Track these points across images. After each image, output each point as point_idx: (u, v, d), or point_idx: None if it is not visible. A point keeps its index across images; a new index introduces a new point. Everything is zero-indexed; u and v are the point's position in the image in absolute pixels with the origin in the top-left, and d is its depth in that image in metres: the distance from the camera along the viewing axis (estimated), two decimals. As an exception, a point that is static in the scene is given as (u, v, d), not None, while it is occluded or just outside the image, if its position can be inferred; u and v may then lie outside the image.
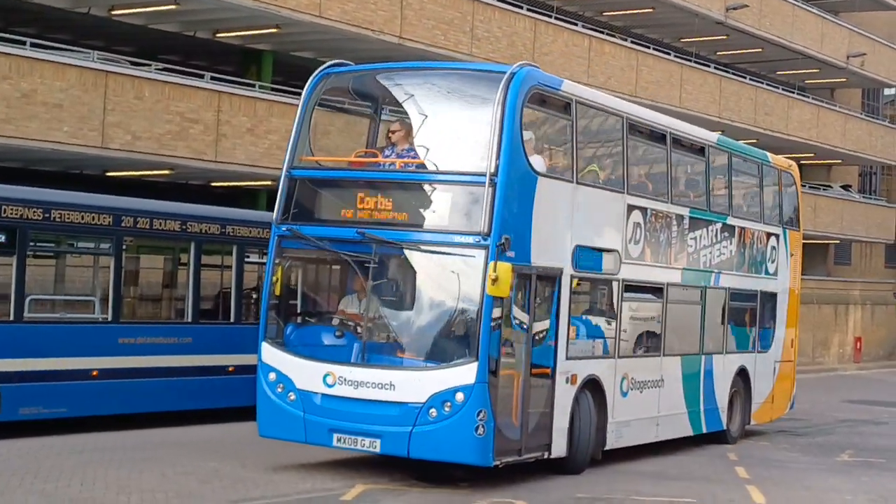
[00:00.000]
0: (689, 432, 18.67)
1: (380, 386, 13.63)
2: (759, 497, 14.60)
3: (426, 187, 14.24)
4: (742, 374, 20.25)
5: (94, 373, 17.22)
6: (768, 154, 22.01)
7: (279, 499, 12.81)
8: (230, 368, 18.48)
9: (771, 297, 21.24)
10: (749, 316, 20.78)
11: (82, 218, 17.06)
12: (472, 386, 13.21)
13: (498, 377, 13.45)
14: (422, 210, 14.06)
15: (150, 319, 19.26)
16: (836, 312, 45.62)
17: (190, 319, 18.73)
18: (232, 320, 19.10)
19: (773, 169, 21.63)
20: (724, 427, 19.70)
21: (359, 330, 14.27)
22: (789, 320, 22.05)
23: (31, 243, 16.68)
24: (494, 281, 13.00)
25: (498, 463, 13.61)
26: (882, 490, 15.83)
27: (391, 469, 14.81)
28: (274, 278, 14.55)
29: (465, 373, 13.27)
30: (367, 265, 14.13)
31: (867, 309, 48.77)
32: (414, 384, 13.54)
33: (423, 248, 13.88)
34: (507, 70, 14.13)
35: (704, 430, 19.08)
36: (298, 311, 15.27)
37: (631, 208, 16.42)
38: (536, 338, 14.40)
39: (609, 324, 16.38)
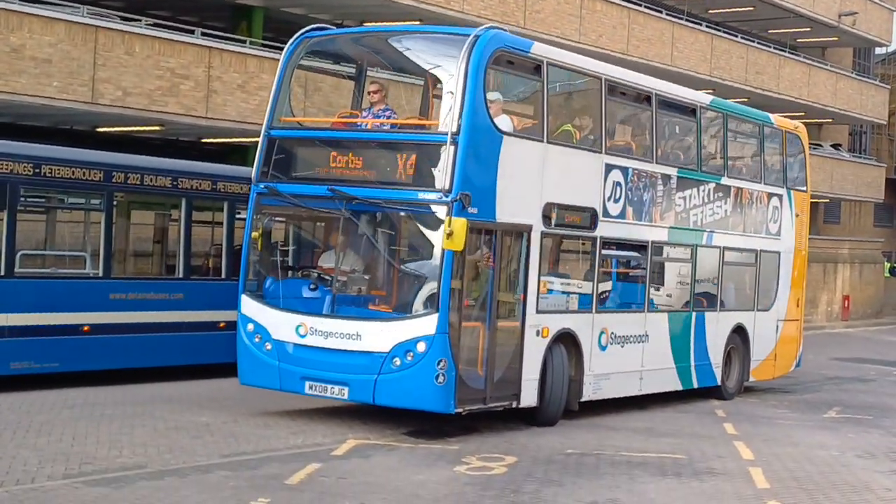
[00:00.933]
0: (677, 387, 18.87)
1: (348, 336, 14.27)
2: (748, 453, 14.70)
3: (393, 146, 14.76)
4: (739, 331, 20.44)
5: (86, 328, 17.25)
6: (771, 115, 22.02)
7: (271, 453, 12.87)
8: (221, 324, 18.51)
9: (773, 257, 21.35)
10: (748, 275, 20.94)
11: (73, 173, 17.04)
12: (432, 336, 13.78)
13: (460, 328, 14.02)
14: (389, 168, 14.58)
15: (141, 275, 19.27)
16: (824, 271, 45.74)
17: (181, 275, 18.76)
18: (223, 276, 19.12)
19: (777, 130, 21.69)
20: (719, 382, 19.89)
21: (335, 283, 14.80)
22: (795, 280, 22.13)
23: (22, 198, 16.64)
24: (449, 235, 13.52)
25: (461, 410, 14.13)
26: (868, 446, 15.95)
27: (382, 424, 14.91)
28: (254, 234, 15.22)
29: (426, 323, 13.85)
30: (338, 221, 14.82)
31: (855, 267, 48.90)
32: (379, 334, 14.16)
33: (388, 204, 14.51)
34: (472, 32, 14.47)
35: (696, 385, 19.28)
36: (277, 264, 15.90)
37: (610, 167, 16.66)
38: (503, 292, 14.85)
39: (586, 279, 16.67)
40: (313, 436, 14.06)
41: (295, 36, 15.68)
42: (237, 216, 19.28)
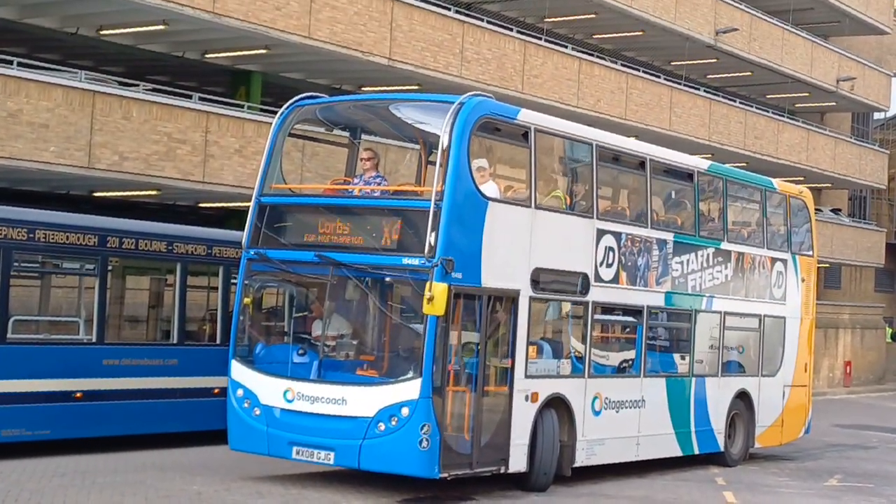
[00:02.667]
0: (677, 453, 18.71)
1: (333, 401, 14.35)
2: (747, 522, 14.50)
3: (379, 212, 14.95)
4: (743, 396, 20.32)
5: (78, 395, 17.08)
6: (774, 181, 22.02)
7: (262, 523, 12.70)
8: (215, 391, 18.30)
9: (778, 322, 21.23)
10: (752, 340, 20.83)
11: (67, 238, 16.96)
12: (416, 401, 13.83)
13: (445, 393, 14.04)
14: (375, 234, 14.75)
15: (135, 341, 19.07)
16: (825, 336, 45.55)
17: (175, 341, 18.61)
18: (218, 342, 18.94)
19: (780, 195, 21.68)
20: (722, 449, 19.73)
21: (321, 348, 14.95)
22: (802, 345, 21.96)
23: (15, 263, 16.53)
24: (430, 300, 13.64)
25: (446, 475, 14.09)
26: (871, 515, 15.74)
27: (377, 492, 14.73)
28: (245, 300, 15.44)
29: (409, 388, 13.90)
30: (326, 287, 15.00)
31: (857, 333, 48.71)
32: (364, 399, 14.22)
33: (374, 269, 14.60)
34: (456, 100, 14.69)
35: (697, 451, 19.13)
36: (266, 330, 16.06)
37: (602, 233, 16.69)
38: (491, 356, 14.88)
39: (578, 344, 16.63)
40: (306, 504, 13.87)
41: (286, 104, 15.92)
42: (232, 281, 19.13)
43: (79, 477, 15.03)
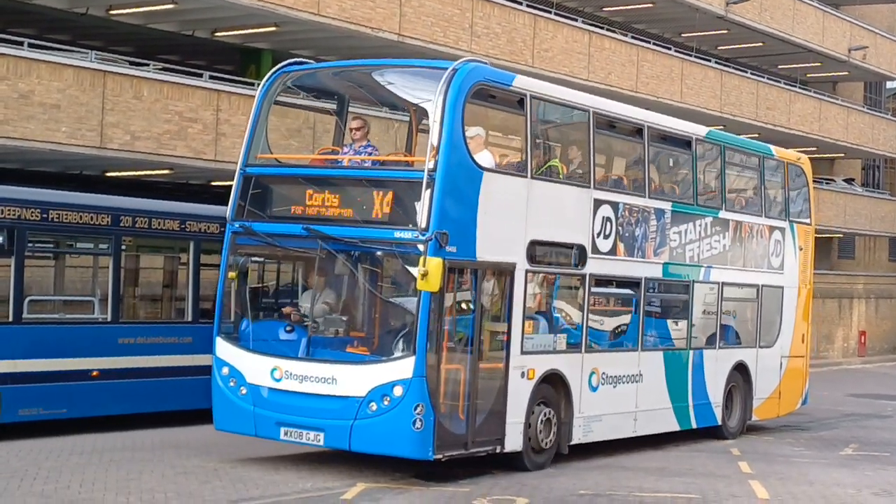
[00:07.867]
0: (675, 427, 18.39)
1: (323, 380, 13.82)
2: (762, 492, 14.53)
3: (370, 183, 14.33)
4: (741, 369, 20.01)
5: (95, 373, 17.18)
6: (772, 147, 21.75)
7: (279, 498, 12.76)
8: (230, 368, 18.36)
9: (776, 292, 20.92)
10: (749, 311, 20.50)
11: (80, 218, 17.04)
12: (409, 380, 13.32)
13: (439, 371, 13.54)
14: (366, 206, 14.16)
15: (149, 319, 19.18)
16: (840, 306, 45.50)
17: (190, 319, 18.69)
18: (232, 319, 19.00)
19: (778, 162, 21.36)
20: (719, 422, 19.45)
21: (310, 325, 14.41)
22: (800, 315, 21.74)
23: (30, 244, 16.62)
24: (424, 276, 13.12)
25: (440, 457, 13.64)
26: (885, 484, 15.76)
27: (391, 466, 14.74)
28: (230, 274, 14.83)
29: (402, 367, 13.39)
30: (315, 261, 14.40)
31: (871, 303, 48.63)
32: (355, 378, 13.69)
33: (365, 243, 14.05)
34: (450, 66, 14.14)
35: (694, 426, 18.82)
36: (252, 306, 15.41)
37: (599, 203, 16.26)
38: (486, 332, 14.42)
39: (575, 318, 16.23)
40: (322, 479, 13.93)
41: (272, 70, 15.46)
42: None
43: (96, 455, 15.14)
